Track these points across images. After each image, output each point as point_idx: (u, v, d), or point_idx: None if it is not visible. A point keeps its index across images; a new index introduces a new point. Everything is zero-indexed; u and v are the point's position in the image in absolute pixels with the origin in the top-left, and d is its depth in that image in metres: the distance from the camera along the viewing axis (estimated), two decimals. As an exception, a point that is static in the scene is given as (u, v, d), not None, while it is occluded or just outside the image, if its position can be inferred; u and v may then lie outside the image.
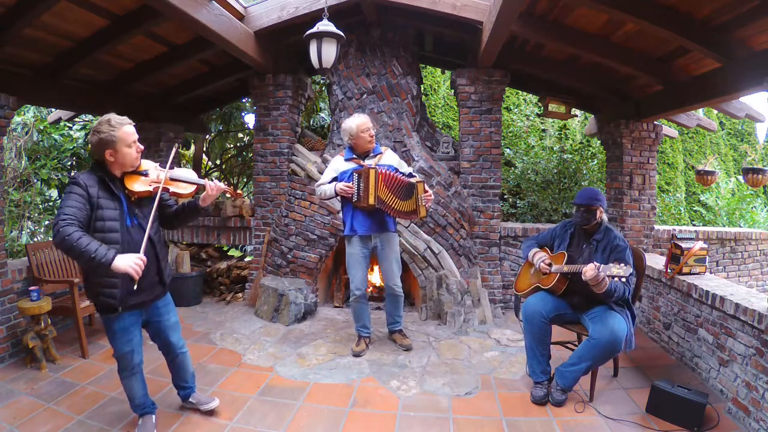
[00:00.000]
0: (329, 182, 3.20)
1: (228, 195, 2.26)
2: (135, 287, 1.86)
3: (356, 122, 3.14)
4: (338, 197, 3.17)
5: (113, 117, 1.99)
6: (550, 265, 2.73)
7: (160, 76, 4.30)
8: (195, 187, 2.17)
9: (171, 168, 2.16)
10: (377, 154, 3.23)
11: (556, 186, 5.73)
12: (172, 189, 2.11)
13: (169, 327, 2.27)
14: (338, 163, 3.24)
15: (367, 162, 3.17)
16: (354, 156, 3.22)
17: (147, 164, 2.14)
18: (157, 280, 2.15)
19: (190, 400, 2.46)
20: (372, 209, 3.07)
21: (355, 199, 3.04)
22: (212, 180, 2.19)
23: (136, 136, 2.05)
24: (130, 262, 1.80)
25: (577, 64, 4.08)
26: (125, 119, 2.02)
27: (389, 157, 3.25)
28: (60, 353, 3.10)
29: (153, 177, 2.09)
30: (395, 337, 3.46)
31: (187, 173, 2.19)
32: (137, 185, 2.04)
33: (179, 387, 2.46)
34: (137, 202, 2.08)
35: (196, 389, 2.52)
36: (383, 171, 3.03)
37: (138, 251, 1.90)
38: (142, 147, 2.09)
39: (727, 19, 2.67)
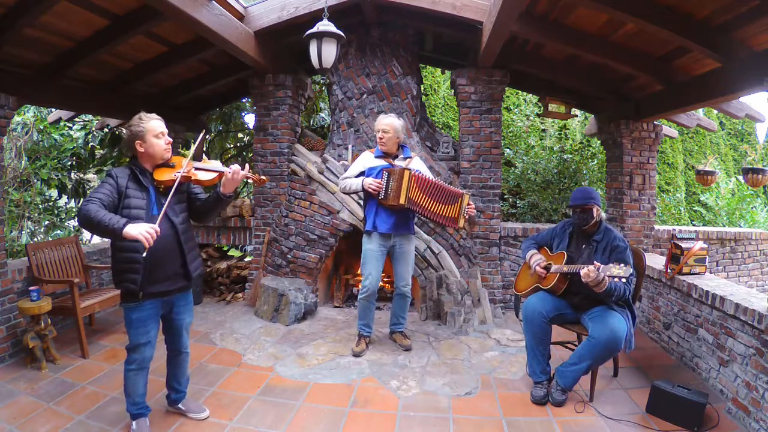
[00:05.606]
0: (356, 176, 3.24)
1: (251, 181, 2.24)
2: (145, 254, 1.87)
3: (375, 121, 3.27)
4: (359, 193, 3.21)
5: (143, 113, 2.15)
6: (546, 268, 2.73)
7: (160, 76, 4.30)
8: (216, 174, 2.19)
9: (197, 159, 2.24)
10: (407, 158, 3.27)
11: (556, 186, 5.73)
12: (194, 177, 2.17)
13: (183, 326, 2.34)
14: (367, 159, 3.28)
15: (397, 162, 3.21)
16: (383, 154, 3.26)
17: (178, 158, 2.23)
18: (181, 272, 2.21)
19: (179, 405, 2.45)
20: (399, 209, 3.09)
21: (381, 196, 3.07)
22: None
23: (165, 130, 2.17)
24: (141, 230, 1.82)
25: (577, 64, 4.08)
26: (154, 114, 2.17)
27: (417, 164, 3.29)
28: (60, 353, 3.10)
29: (178, 167, 2.17)
30: (396, 337, 3.46)
31: (211, 162, 2.26)
32: (163, 175, 2.14)
33: (172, 389, 2.44)
34: (165, 192, 2.12)
35: (187, 395, 2.49)
36: (417, 174, 3.07)
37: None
38: (170, 139, 2.19)
39: (727, 19, 2.66)
